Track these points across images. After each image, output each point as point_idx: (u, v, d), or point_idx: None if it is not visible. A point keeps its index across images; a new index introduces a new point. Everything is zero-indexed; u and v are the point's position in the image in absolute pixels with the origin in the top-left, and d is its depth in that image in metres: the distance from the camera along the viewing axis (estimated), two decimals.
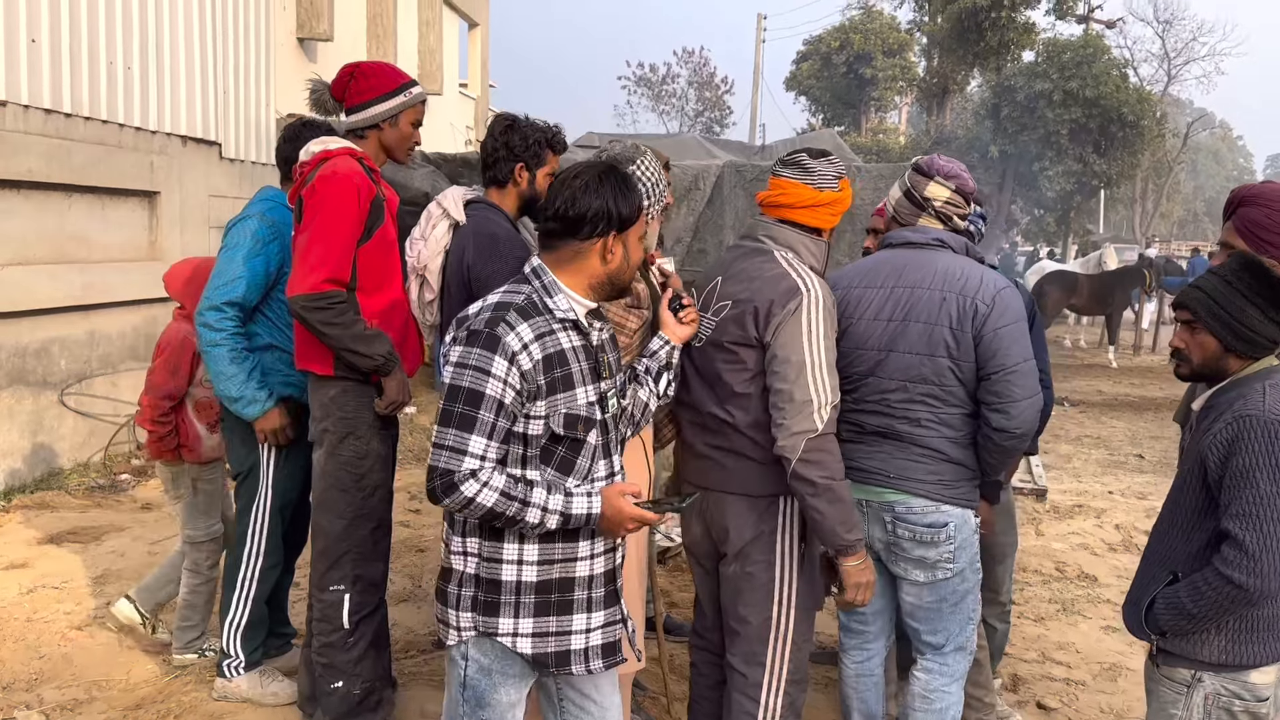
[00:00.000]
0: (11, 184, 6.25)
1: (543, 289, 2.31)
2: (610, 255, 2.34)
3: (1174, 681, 2.44)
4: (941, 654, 2.97)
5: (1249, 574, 2.24)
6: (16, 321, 6.38)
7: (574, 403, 2.29)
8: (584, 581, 2.36)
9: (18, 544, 5.23)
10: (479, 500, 2.19)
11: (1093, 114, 24.82)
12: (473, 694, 2.36)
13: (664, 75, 48.08)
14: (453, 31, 18.29)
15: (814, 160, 2.80)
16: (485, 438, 2.20)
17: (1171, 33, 38.50)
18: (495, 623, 2.31)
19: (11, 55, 6.18)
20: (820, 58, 35.97)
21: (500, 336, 2.21)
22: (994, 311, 2.74)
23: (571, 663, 2.36)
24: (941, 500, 2.83)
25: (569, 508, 2.26)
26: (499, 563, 2.30)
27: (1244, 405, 2.32)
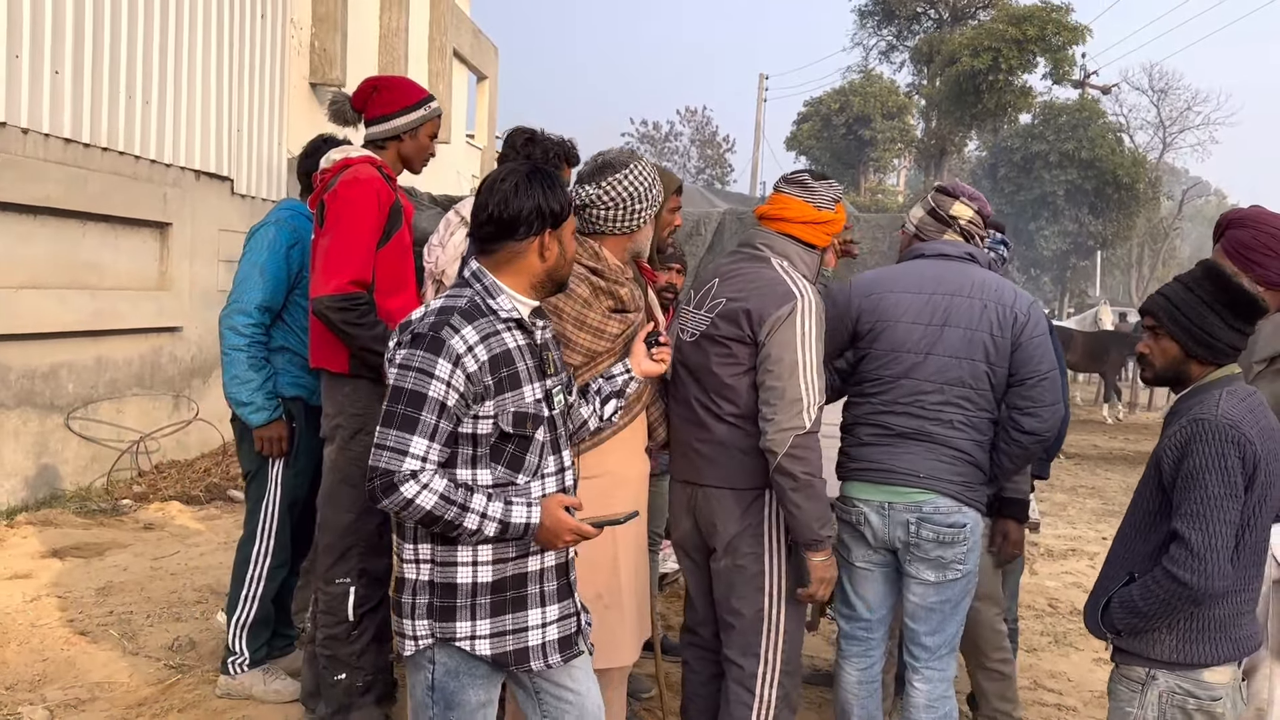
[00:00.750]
0: (30, 209, 6.40)
1: (484, 291, 2.34)
2: (547, 252, 2.38)
3: (1129, 680, 2.50)
4: (938, 657, 3.01)
5: (1194, 573, 2.30)
6: (27, 344, 6.49)
7: (521, 401, 2.31)
8: (536, 576, 2.37)
9: (21, 557, 5.28)
10: (418, 502, 2.19)
11: (1088, 175, 25.22)
12: (442, 696, 2.36)
13: (667, 133, 48.81)
14: (461, 83, 18.67)
15: (815, 181, 2.98)
16: (427, 439, 2.21)
17: (1166, 102, 39.24)
18: (453, 628, 2.30)
19: (36, 85, 6.37)
20: (820, 119, 36.60)
21: (445, 339, 2.22)
22: (1030, 321, 2.90)
23: (530, 659, 2.37)
24: (964, 501, 2.92)
25: (508, 516, 2.26)
26: (454, 566, 2.30)
27: (1199, 410, 2.39)
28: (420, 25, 15.43)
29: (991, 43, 27.34)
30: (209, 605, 4.75)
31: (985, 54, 27.35)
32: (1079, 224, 25.76)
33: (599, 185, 2.85)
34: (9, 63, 6.12)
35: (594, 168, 2.89)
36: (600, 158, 2.92)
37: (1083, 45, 28.44)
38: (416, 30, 15.03)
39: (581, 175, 2.91)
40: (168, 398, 7.96)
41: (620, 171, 2.86)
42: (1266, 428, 2.39)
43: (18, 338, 6.36)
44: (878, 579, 3.05)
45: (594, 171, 2.88)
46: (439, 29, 16.09)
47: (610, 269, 2.87)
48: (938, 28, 32.79)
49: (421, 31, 15.56)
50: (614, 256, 2.90)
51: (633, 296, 2.92)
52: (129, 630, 4.36)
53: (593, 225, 2.90)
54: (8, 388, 6.36)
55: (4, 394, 6.33)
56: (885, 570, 3.03)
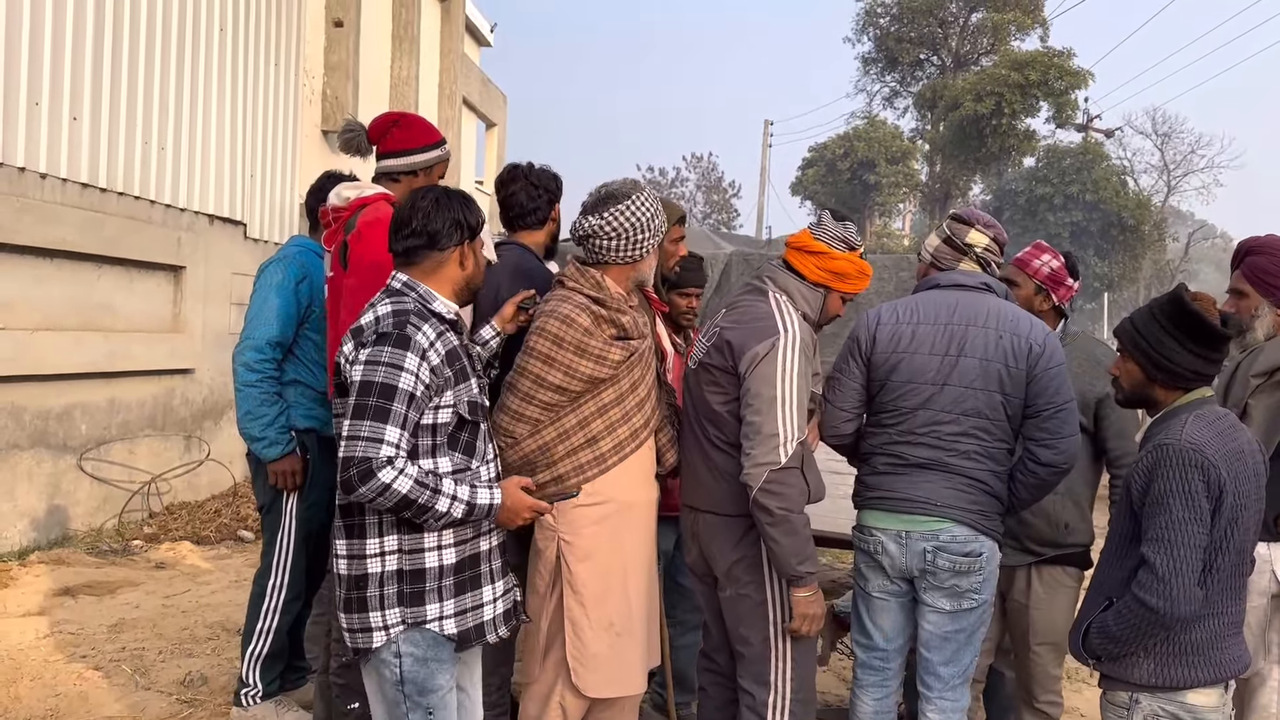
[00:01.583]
0: (46, 252, 6.50)
1: (421, 297, 2.52)
2: (466, 261, 2.59)
3: (1115, 705, 2.52)
4: (951, 688, 3.00)
5: (1159, 597, 2.32)
6: (42, 385, 6.56)
7: (471, 391, 2.51)
8: (486, 555, 2.57)
9: (34, 595, 5.30)
10: (394, 487, 2.31)
11: (1093, 218, 25.35)
12: (414, 686, 2.46)
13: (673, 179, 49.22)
14: (470, 131, 18.92)
15: (830, 218, 3.03)
16: (399, 429, 2.34)
17: (1170, 145, 39.53)
18: (423, 611, 2.43)
19: (54, 131, 6.50)
20: (825, 164, 36.90)
21: (410, 336, 2.39)
22: (1046, 352, 2.88)
23: (486, 633, 2.55)
24: (980, 530, 2.91)
25: (474, 498, 2.44)
26: (421, 552, 2.44)
27: (1164, 435, 2.43)
28: (430, 74, 15.68)
29: (994, 87, 27.67)
30: (220, 641, 4.76)
31: (988, 99, 27.66)
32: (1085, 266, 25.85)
33: (601, 216, 2.91)
34: (28, 109, 6.25)
35: (597, 199, 2.95)
36: (603, 189, 2.98)
37: (1085, 89, 28.78)
38: (427, 79, 15.27)
39: (585, 206, 2.97)
40: (179, 439, 8.01)
41: (623, 202, 2.92)
42: (1234, 450, 2.41)
43: (32, 379, 6.43)
44: (894, 609, 3.04)
45: (597, 203, 2.94)
46: (449, 77, 16.34)
47: (612, 298, 2.92)
48: (940, 73, 33.21)
49: (432, 80, 15.81)
50: (617, 286, 2.96)
51: (635, 324, 2.97)
52: (141, 666, 4.37)
53: (596, 255, 2.95)
54: (22, 428, 6.42)
55: (18, 435, 6.39)
56: (902, 600, 3.03)
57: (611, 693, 2.97)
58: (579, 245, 2.99)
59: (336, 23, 11.41)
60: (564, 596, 2.94)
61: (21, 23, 6.15)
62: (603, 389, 2.91)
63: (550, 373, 2.86)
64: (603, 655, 2.93)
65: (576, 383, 2.87)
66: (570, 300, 2.91)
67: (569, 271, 2.98)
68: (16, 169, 6.19)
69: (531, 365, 2.88)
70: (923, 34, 33.40)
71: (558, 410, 2.90)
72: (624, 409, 2.95)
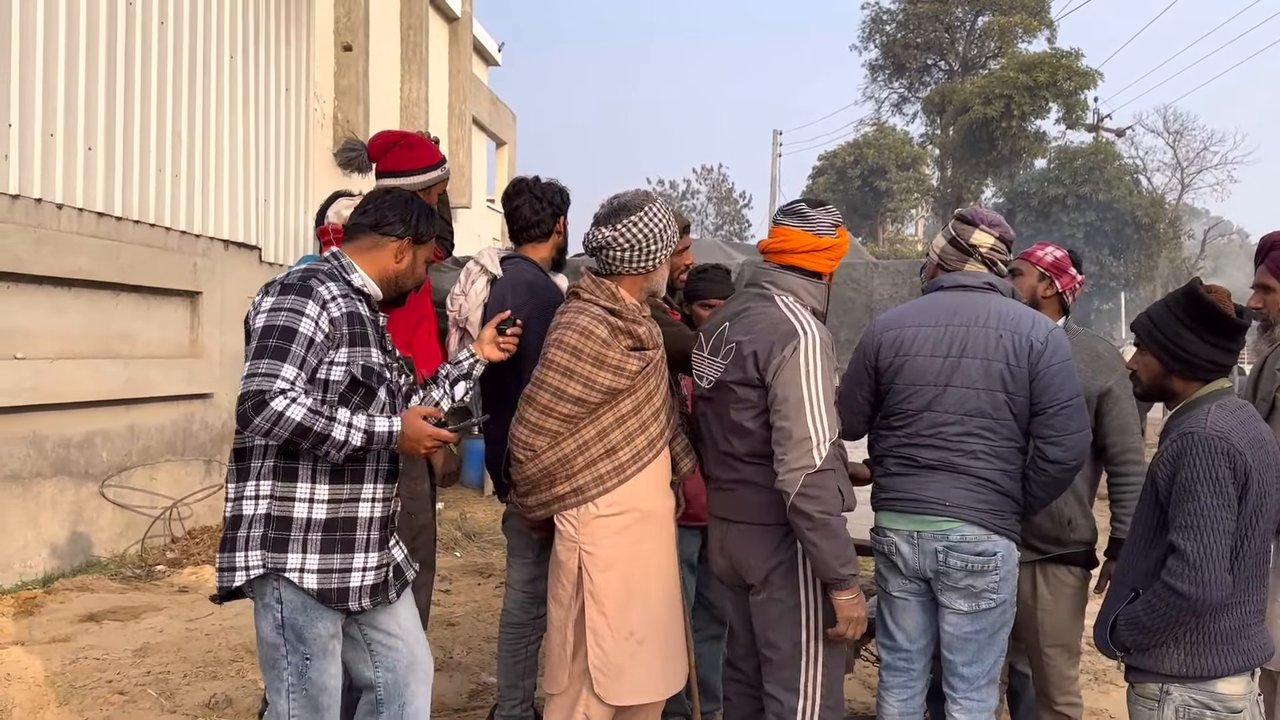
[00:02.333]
0: (65, 282, 6.57)
1: (340, 266, 2.67)
2: (402, 256, 2.73)
3: (1145, 698, 2.51)
4: (977, 688, 2.98)
5: (1191, 583, 2.32)
6: (62, 413, 6.61)
7: (369, 357, 2.61)
8: (365, 523, 2.62)
9: (60, 621, 5.34)
10: (288, 414, 2.39)
11: (1106, 218, 25.27)
12: (293, 632, 2.54)
13: (684, 191, 49.30)
14: (481, 150, 19.03)
15: (812, 209, 3.00)
16: (296, 368, 2.45)
17: (1182, 143, 39.37)
18: (284, 559, 2.51)
19: (70, 162, 6.57)
20: (835, 172, 36.92)
21: (313, 287, 2.53)
22: (1048, 349, 2.86)
23: (349, 599, 2.58)
24: (993, 530, 2.89)
25: (372, 426, 2.50)
26: (291, 501, 2.53)
27: (1189, 424, 2.44)
28: (440, 95, 15.80)
29: (1002, 90, 27.65)
30: (244, 663, 4.78)
31: (997, 101, 27.64)
32: (1100, 266, 25.77)
33: (615, 227, 2.92)
34: (44, 141, 6.33)
35: (610, 210, 2.96)
36: (616, 200, 2.98)
37: (1094, 89, 28.71)
38: (436, 100, 15.39)
39: (598, 218, 2.98)
40: (199, 463, 8.06)
41: (636, 213, 2.93)
42: (1257, 438, 2.42)
43: (53, 407, 6.49)
44: (915, 608, 3.03)
45: (610, 214, 2.95)
46: (458, 98, 16.46)
47: (627, 309, 2.93)
48: (948, 78, 33.21)
49: (441, 101, 15.92)
50: (631, 296, 2.97)
51: (650, 334, 2.97)
52: (166, 689, 4.39)
53: (610, 266, 2.96)
54: (44, 457, 6.47)
55: (41, 463, 6.44)
56: (922, 599, 3.02)
57: (634, 700, 2.97)
58: (592, 256, 3.00)
59: (346, 47, 11.51)
60: (586, 606, 2.94)
61: (35, 56, 6.23)
62: (620, 400, 2.92)
63: (569, 385, 2.86)
64: (625, 663, 2.93)
65: (595, 394, 2.88)
66: (587, 312, 2.92)
67: (584, 283, 2.99)
68: (33, 200, 6.27)
69: (550, 378, 2.88)
70: (929, 39, 33.41)
71: (576, 422, 2.91)
72: (641, 419, 2.96)
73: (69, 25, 6.53)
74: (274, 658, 2.56)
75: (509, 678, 3.65)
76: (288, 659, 2.55)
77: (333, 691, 2.62)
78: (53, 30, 6.38)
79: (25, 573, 6.24)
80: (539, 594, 3.56)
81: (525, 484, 2.97)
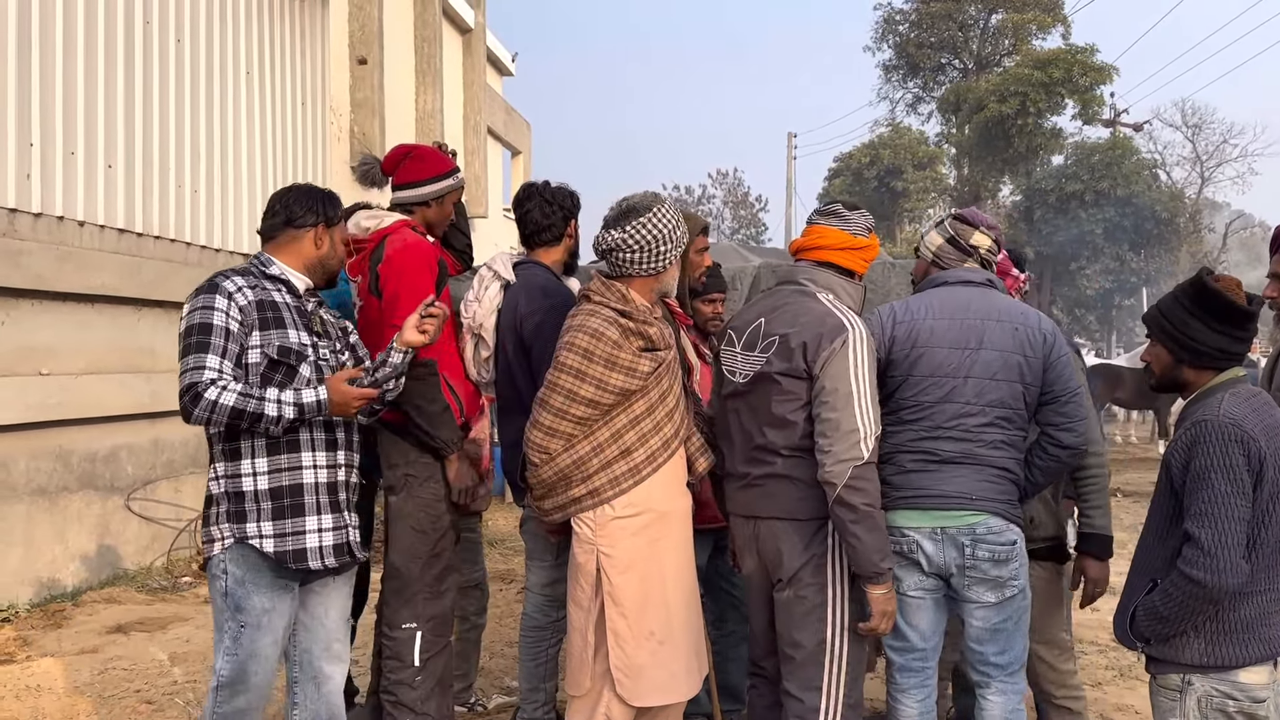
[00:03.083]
0: (88, 298, 6.66)
1: (259, 262, 2.97)
2: (320, 241, 2.99)
3: (1167, 689, 2.51)
4: (1010, 673, 3.00)
5: (1206, 570, 2.33)
6: (88, 428, 6.69)
7: (286, 339, 2.86)
8: (311, 488, 2.88)
9: (88, 633, 5.41)
10: (222, 402, 2.68)
11: (1126, 213, 25.10)
12: (232, 601, 2.83)
13: (700, 196, 49.32)
14: (496, 159, 19.12)
15: (849, 210, 3.07)
16: (219, 357, 2.74)
17: (1201, 136, 39.05)
18: (245, 528, 2.81)
19: (91, 180, 6.66)
20: (851, 173, 36.85)
21: (219, 283, 2.83)
22: (1055, 342, 2.96)
23: (308, 559, 2.86)
24: (1011, 519, 2.94)
25: (300, 399, 2.76)
26: (239, 477, 2.82)
27: (1202, 411, 2.45)
28: (455, 106, 15.90)
29: (1018, 87, 27.54)
30: None
31: (1012, 99, 27.54)
32: (1120, 261, 25.60)
33: (624, 229, 2.94)
34: (65, 159, 6.42)
35: (618, 213, 2.98)
36: (624, 203, 3.01)
37: (1110, 84, 28.55)
38: (451, 111, 15.49)
39: (607, 220, 3.00)
40: None
41: (644, 215, 2.95)
42: (1272, 425, 2.43)
43: (79, 422, 6.57)
44: (929, 606, 3.03)
45: (619, 216, 2.97)
46: (473, 109, 16.57)
47: (638, 310, 2.95)
48: (963, 76, 33.10)
49: (456, 112, 16.02)
50: (641, 297, 2.99)
51: (662, 335, 2.99)
52: (194, 698, 4.44)
53: (619, 268, 2.98)
54: (70, 471, 6.55)
55: (67, 477, 6.53)
56: (936, 597, 3.02)
57: (656, 701, 2.98)
58: (602, 259, 3.02)
59: (360, 60, 11.62)
60: (605, 608, 2.96)
61: (55, 75, 6.32)
62: (634, 400, 2.94)
63: (582, 387, 2.88)
64: (646, 664, 2.94)
65: (608, 396, 2.89)
66: (598, 314, 2.94)
67: (594, 285, 3.01)
68: (56, 218, 6.35)
69: (562, 380, 2.90)
70: (943, 38, 33.32)
71: (590, 424, 2.92)
72: (655, 419, 2.98)
73: (88, 45, 6.62)
74: (219, 621, 2.87)
75: (530, 680, 3.67)
76: (226, 625, 2.84)
77: (264, 659, 2.85)
78: (72, 50, 6.48)
79: (54, 585, 6.32)
80: (558, 597, 3.58)
81: (541, 487, 2.99)
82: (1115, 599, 6.79)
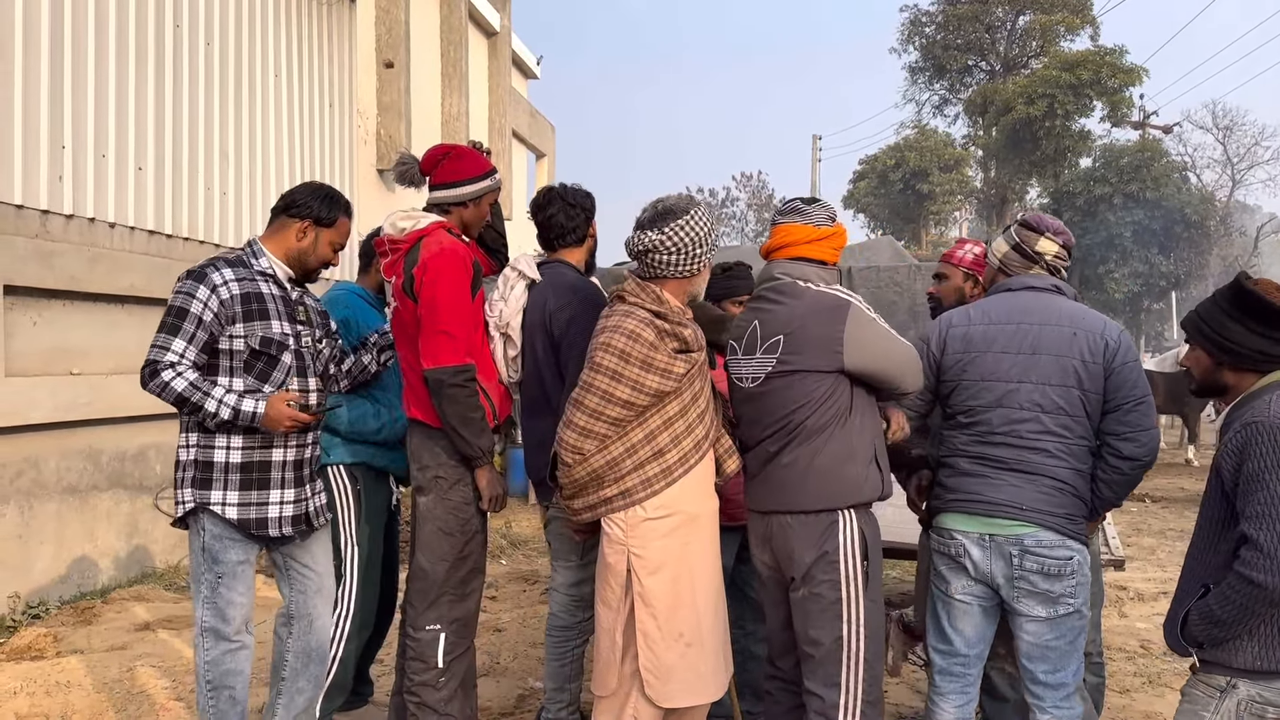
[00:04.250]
0: (118, 298, 6.73)
1: (251, 252, 3.21)
2: (304, 236, 3.23)
3: (1208, 685, 2.47)
4: (1064, 696, 2.93)
5: (1266, 572, 2.29)
6: (117, 427, 6.76)
7: (269, 329, 3.11)
8: (279, 465, 3.16)
9: (117, 630, 5.46)
10: (172, 385, 2.96)
11: (1155, 216, 24.84)
12: (209, 555, 3.12)
13: (723, 199, 49.25)
14: (521, 162, 19.18)
15: (807, 205, 3.09)
16: (185, 342, 3.00)
17: (1232, 138, 38.61)
18: (208, 495, 3.08)
19: (121, 182, 6.74)
20: (876, 176, 36.67)
21: (207, 273, 3.07)
22: (1121, 348, 2.89)
23: (269, 527, 3.15)
24: (1068, 535, 2.88)
25: (239, 405, 3.01)
26: (211, 448, 3.08)
27: (1252, 414, 2.42)
28: (480, 109, 15.95)
29: (1045, 89, 27.34)
30: None
31: (1040, 101, 27.34)
32: (1149, 265, 25.33)
33: (661, 231, 2.94)
34: (96, 162, 6.49)
35: (654, 214, 2.98)
36: (660, 204, 3.01)
37: (1139, 86, 28.28)
38: (476, 114, 15.54)
39: (641, 222, 3.00)
40: None
41: (681, 217, 2.96)
42: None
43: (108, 422, 6.64)
44: (976, 612, 2.99)
45: (655, 218, 2.97)
46: (498, 112, 16.62)
47: (672, 311, 2.96)
48: (990, 78, 32.90)
49: (481, 115, 16.08)
50: (675, 299, 2.99)
51: (695, 337, 3.00)
52: None
53: (654, 270, 2.98)
54: (100, 470, 6.62)
55: (97, 476, 6.60)
56: (984, 604, 2.98)
57: (684, 702, 2.98)
58: (635, 260, 3.02)
59: (387, 64, 11.68)
60: (635, 609, 2.95)
61: (87, 79, 6.40)
62: (667, 402, 2.94)
63: (618, 388, 2.88)
64: (675, 665, 2.94)
65: (643, 397, 2.90)
66: (634, 315, 2.94)
67: (629, 286, 3.02)
68: (87, 220, 6.43)
69: (598, 381, 2.90)
70: (969, 40, 33.13)
71: (624, 425, 2.92)
72: (687, 421, 2.98)
73: (119, 48, 6.70)
74: (197, 574, 3.14)
75: (556, 680, 3.68)
76: (204, 576, 3.12)
77: (240, 606, 3.17)
78: (103, 54, 6.55)
79: (83, 583, 6.38)
80: (584, 597, 3.58)
81: (572, 487, 2.99)
82: (1142, 605, 6.73)
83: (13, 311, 5.88)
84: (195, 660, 3.20)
